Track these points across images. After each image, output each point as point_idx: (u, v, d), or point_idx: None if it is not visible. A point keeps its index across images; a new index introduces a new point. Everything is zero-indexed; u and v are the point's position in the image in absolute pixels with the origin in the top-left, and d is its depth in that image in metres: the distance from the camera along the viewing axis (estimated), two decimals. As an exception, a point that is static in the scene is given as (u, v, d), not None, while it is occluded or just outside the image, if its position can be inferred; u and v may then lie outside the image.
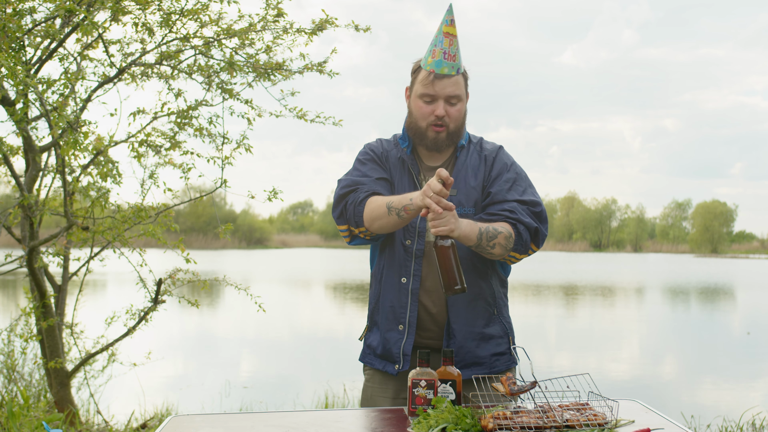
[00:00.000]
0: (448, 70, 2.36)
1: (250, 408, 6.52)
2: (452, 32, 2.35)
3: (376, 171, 2.49)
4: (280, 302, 16.57)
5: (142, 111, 4.94)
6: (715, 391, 8.33)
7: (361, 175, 2.49)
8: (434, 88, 2.38)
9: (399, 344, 2.45)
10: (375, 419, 2.14)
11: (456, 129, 2.44)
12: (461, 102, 2.42)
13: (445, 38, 2.34)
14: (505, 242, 2.34)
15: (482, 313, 2.46)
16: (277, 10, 4.63)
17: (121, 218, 4.83)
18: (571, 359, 10.01)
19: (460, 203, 2.43)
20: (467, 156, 2.50)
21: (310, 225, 70.56)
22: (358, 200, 2.42)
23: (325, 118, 4.85)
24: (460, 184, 2.45)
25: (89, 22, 3.91)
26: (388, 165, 2.53)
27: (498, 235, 2.32)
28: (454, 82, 2.38)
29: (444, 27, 2.35)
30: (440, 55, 2.35)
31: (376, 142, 2.60)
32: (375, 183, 2.45)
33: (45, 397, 5.40)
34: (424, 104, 2.41)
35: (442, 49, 2.35)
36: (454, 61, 2.36)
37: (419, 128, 2.43)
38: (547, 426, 1.92)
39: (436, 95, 2.38)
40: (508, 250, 2.37)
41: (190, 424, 2.10)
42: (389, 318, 2.48)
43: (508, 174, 2.46)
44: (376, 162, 2.52)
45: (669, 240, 70.46)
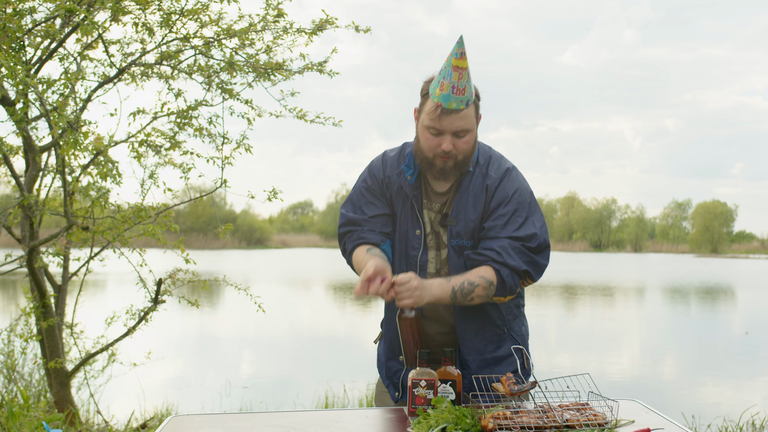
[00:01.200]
0: (456, 104, 2.25)
1: (250, 408, 6.52)
2: (462, 65, 2.21)
3: (373, 206, 2.47)
4: (280, 302, 16.57)
5: (142, 111, 4.94)
6: (715, 391, 8.33)
7: (358, 209, 2.48)
8: (441, 123, 2.28)
9: (399, 375, 2.47)
10: (375, 419, 2.14)
11: (465, 159, 2.35)
12: (470, 133, 2.32)
13: (454, 72, 2.21)
14: (485, 293, 2.31)
15: (492, 338, 2.44)
16: (277, 11, 4.62)
17: (121, 218, 4.83)
18: (571, 359, 10.01)
19: (459, 235, 2.39)
20: (471, 182, 2.40)
21: (310, 225, 70.56)
22: (347, 251, 2.47)
23: (325, 119, 4.85)
24: (460, 214, 2.39)
25: (89, 22, 3.91)
26: (390, 192, 2.47)
27: (475, 289, 2.29)
28: (463, 116, 2.28)
29: (453, 60, 2.21)
30: (448, 89, 2.23)
31: (380, 162, 2.51)
32: (367, 223, 2.44)
33: (45, 397, 5.40)
34: (431, 136, 2.31)
35: (451, 83, 2.23)
36: (463, 95, 2.24)
37: (426, 157, 2.35)
38: (547, 426, 1.92)
39: (443, 130, 2.29)
40: (490, 297, 2.33)
41: (190, 424, 2.10)
42: (390, 348, 2.51)
43: (506, 207, 2.37)
44: (374, 194, 2.47)
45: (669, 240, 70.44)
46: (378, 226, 2.45)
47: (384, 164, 2.50)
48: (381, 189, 2.48)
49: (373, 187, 2.48)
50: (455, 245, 2.40)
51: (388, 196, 2.48)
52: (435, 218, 2.44)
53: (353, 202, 2.51)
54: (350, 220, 2.48)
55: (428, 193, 2.46)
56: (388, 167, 2.48)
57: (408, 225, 2.44)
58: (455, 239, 2.39)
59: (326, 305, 17.35)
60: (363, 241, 2.43)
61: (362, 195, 2.50)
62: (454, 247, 2.39)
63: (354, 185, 2.57)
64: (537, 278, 2.39)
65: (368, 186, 2.49)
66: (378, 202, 2.47)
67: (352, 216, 2.48)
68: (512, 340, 2.48)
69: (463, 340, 2.41)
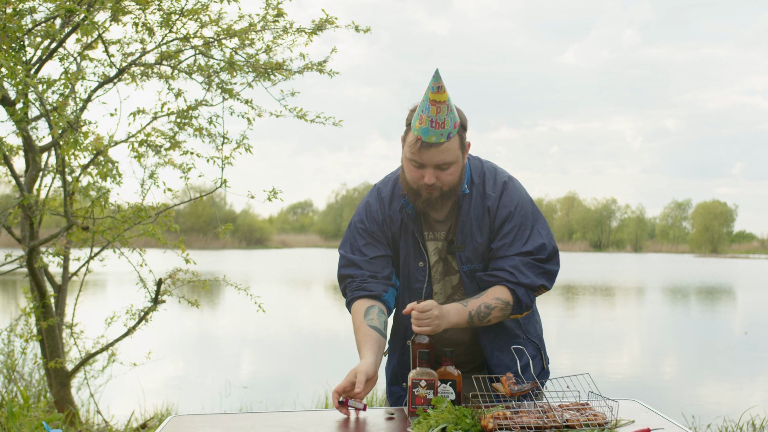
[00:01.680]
0: (436, 138, 2.21)
1: (250, 408, 6.52)
2: (440, 99, 2.17)
3: (372, 247, 2.43)
4: (280, 302, 16.57)
5: (142, 111, 4.94)
6: (715, 391, 8.33)
7: (356, 251, 2.44)
8: (421, 156, 2.24)
9: (402, 401, 2.48)
10: (375, 419, 2.14)
11: (450, 189, 2.32)
12: (454, 164, 2.28)
13: (432, 105, 2.18)
14: (501, 314, 2.32)
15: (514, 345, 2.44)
16: (277, 10, 4.63)
17: (121, 218, 4.83)
18: (571, 359, 10.01)
19: (469, 260, 2.38)
20: (470, 205, 2.38)
21: (310, 225, 70.56)
22: (347, 301, 2.45)
23: (326, 119, 4.85)
24: (467, 239, 2.37)
25: (89, 22, 3.91)
26: (391, 231, 2.44)
27: (491, 312, 2.30)
28: (444, 149, 2.23)
29: (430, 94, 2.18)
30: (427, 122, 2.19)
31: (377, 201, 2.47)
32: (369, 264, 2.41)
33: (45, 397, 5.40)
34: (414, 168, 2.29)
35: (429, 117, 2.19)
36: (443, 128, 2.21)
37: (411, 188, 2.33)
38: (547, 426, 1.92)
39: (424, 164, 2.26)
40: (507, 317, 2.34)
41: (190, 424, 2.10)
42: (394, 375, 2.52)
43: (510, 223, 2.36)
44: (373, 236, 2.44)
45: (669, 240, 70.43)
46: (379, 269, 2.41)
47: (381, 203, 2.46)
48: (381, 230, 2.44)
49: (371, 229, 2.44)
50: (467, 270, 2.39)
51: (389, 236, 2.45)
52: (443, 246, 2.42)
53: (351, 244, 2.47)
54: (350, 261, 2.43)
55: (429, 223, 2.44)
56: (386, 206, 2.45)
57: (411, 258, 2.43)
58: (466, 265, 2.39)
59: (326, 305, 17.35)
60: (363, 294, 2.38)
61: (360, 237, 2.45)
62: (465, 272, 2.39)
63: (350, 225, 2.51)
64: (551, 286, 2.39)
65: (366, 228, 2.45)
66: (377, 243, 2.43)
67: (352, 257, 2.43)
68: (531, 343, 2.50)
69: (490, 357, 2.41)
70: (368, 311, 2.35)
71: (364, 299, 2.38)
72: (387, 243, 2.44)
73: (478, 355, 2.46)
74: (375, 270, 2.40)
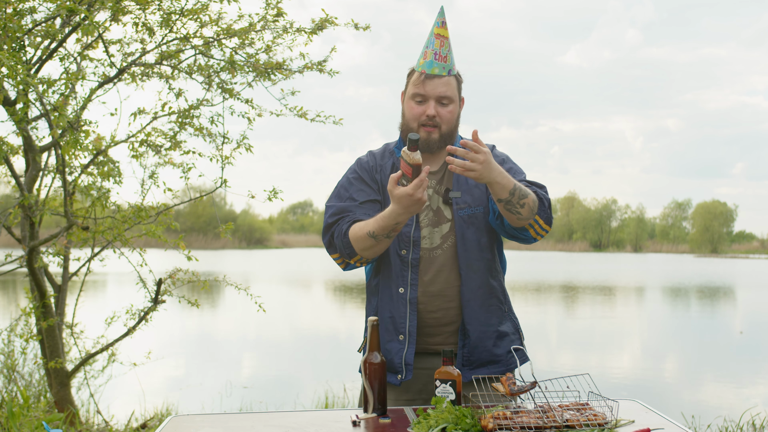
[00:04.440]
0: (438, 70, 2.38)
1: (250, 408, 6.52)
2: (443, 34, 2.36)
3: (363, 192, 2.47)
4: (280, 302, 16.57)
5: (143, 111, 4.94)
6: (715, 391, 8.33)
7: (347, 197, 2.47)
8: (425, 88, 2.39)
9: (401, 354, 2.45)
10: (375, 420, 2.14)
11: (448, 131, 2.44)
12: (453, 104, 2.43)
13: (436, 39, 2.36)
14: (533, 204, 2.34)
15: (496, 312, 2.48)
16: (277, 10, 4.63)
17: (121, 218, 4.84)
18: (571, 359, 10.01)
19: (467, 204, 2.45)
20: None
21: (310, 225, 70.54)
22: (342, 232, 2.40)
23: (326, 117, 4.86)
24: (462, 186, 2.46)
25: (90, 22, 3.91)
26: (381, 178, 2.50)
27: (528, 195, 2.32)
28: (445, 82, 2.40)
29: (435, 29, 2.36)
30: (431, 56, 2.37)
31: (367, 156, 2.58)
32: (359, 208, 2.44)
33: (45, 397, 5.40)
34: (416, 104, 2.42)
35: (433, 50, 2.37)
36: (445, 62, 2.38)
37: (411, 129, 2.43)
38: (547, 426, 1.92)
39: (427, 95, 2.39)
40: (534, 213, 2.36)
41: (190, 424, 2.10)
42: (389, 329, 2.47)
43: (507, 165, 2.49)
44: (364, 181, 2.50)
45: (669, 240, 70.42)
46: (370, 210, 2.44)
47: (372, 156, 2.57)
48: (371, 177, 2.51)
49: (362, 175, 2.51)
50: (464, 215, 2.44)
51: (379, 182, 2.50)
52: (434, 196, 2.47)
53: (340, 195, 2.51)
54: (340, 209, 2.45)
55: None
56: (377, 157, 2.55)
57: None
58: (463, 209, 2.44)
59: (326, 305, 17.36)
60: (359, 219, 2.41)
61: (351, 184, 2.50)
62: (462, 217, 2.44)
63: (339, 181, 2.55)
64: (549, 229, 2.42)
65: (357, 175, 2.51)
66: (368, 188, 2.49)
67: (342, 205, 2.46)
68: (511, 321, 2.53)
69: (468, 309, 2.43)
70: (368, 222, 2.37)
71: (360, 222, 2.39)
72: (378, 190, 2.50)
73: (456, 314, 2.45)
74: (366, 212, 2.44)
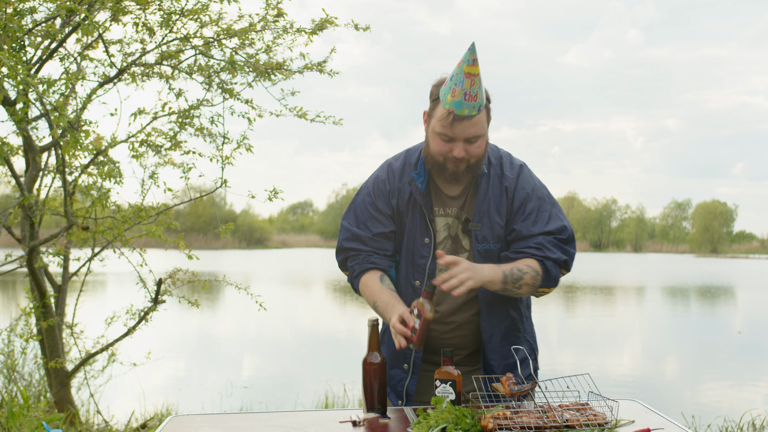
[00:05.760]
0: (468, 111, 2.21)
1: (250, 408, 6.52)
2: (474, 72, 2.17)
3: (376, 223, 2.43)
4: (280, 302, 16.57)
5: (143, 111, 4.94)
6: (715, 391, 8.33)
7: (362, 223, 2.44)
8: (453, 130, 2.24)
9: (403, 383, 2.45)
10: (375, 420, 2.14)
11: (477, 162, 2.33)
12: (482, 137, 2.30)
13: (466, 78, 2.17)
14: (532, 281, 2.30)
15: (514, 342, 2.46)
16: (277, 10, 4.62)
17: (121, 218, 4.83)
18: (571, 359, 10.01)
19: (485, 239, 2.38)
20: (488, 185, 2.38)
21: (310, 225, 70.55)
22: (354, 273, 2.43)
23: (326, 117, 4.85)
24: (484, 219, 2.37)
25: (90, 22, 3.91)
26: (399, 203, 2.43)
27: (524, 276, 2.28)
28: (475, 122, 2.25)
29: (465, 67, 2.17)
30: (461, 95, 2.19)
31: (386, 172, 2.46)
32: (372, 241, 2.41)
33: (45, 397, 5.40)
34: (443, 142, 2.28)
35: (463, 90, 2.18)
36: (476, 101, 2.21)
37: (437, 162, 2.32)
38: (547, 426, 1.92)
39: (455, 137, 2.26)
40: (536, 288, 2.33)
41: (190, 424, 2.10)
42: (396, 355, 2.47)
43: (530, 204, 2.38)
44: (378, 209, 2.43)
45: (669, 240, 70.42)
46: (383, 246, 2.42)
47: (391, 175, 2.45)
48: (387, 203, 2.43)
49: (378, 203, 2.44)
50: (481, 250, 2.38)
51: (395, 207, 2.43)
52: (454, 223, 2.41)
53: (357, 216, 2.46)
54: (354, 236, 2.43)
55: (441, 199, 2.42)
56: (397, 178, 2.44)
57: (416, 233, 2.41)
58: (481, 244, 2.38)
59: (326, 305, 17.35)
60: (372, 266, 2.40)
61: (366, 209, 2.45)
62: (480, 251, 2.38)
63: (357, 196, 2.50)
64: (570, 269, 2.40)
65: (373, 201, 2.44)
66: (383, 218, 2.43)
67: (356, 231, 2.43)
68: (527, 342, 2.50)
69: (489, 345, 2.40)
70: (382, 279, 2.38)
71: (375, 271, 2.40)
72: (392, 217, 2.44)
73: (476, 340, 2.44)
74: (378, 247, 2.42)
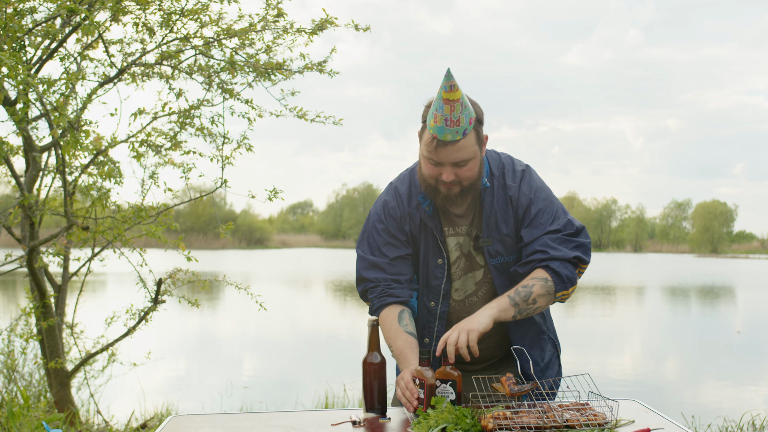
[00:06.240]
0: (451, 136, 2.20)
1: (250, 408, 6.52)
2: (453, 97, 2.16)
3: (392, 248, 2.41)
4: (280, 302, 16.57)
5: (143, 111, 4.94)
6: (715, 391, 8.33)
7: (377, 249, 2.42)
8: (438, 155, 2.24)
9: None
10: (375, 421, 2.14)
11: (470, 184, 2.31)
12: (472, 160, 2.27)
13: (445, 105, 2.17)
14: (545, 291, 2.27)
15: (542, 344, 2.46)
16: (277, 10, 4.62)
17: (121, 218, 4.83)
18: (571, 359, 10.01)
19: (498, 253, 2.37)
20: (493, 198, 2.37)
21: (310, 225, 70.56)
22: (373, 308, 2.39)
23: (326, 118, 4.85)
24: (493, 233, 2.36)
25: (90, 22, 3.91)
26: (411, 228, 2.42)
27: (532, 290, 2.25)
28: (460, 147, 2.22)
29: (443, 93, 2.17)
30: (442, 121, 2.19)
31: (393, 197, 2.45)
32: (391, 266, 2.38)
33: (45, 397, 5.40)
34: (431, 165, 2.28)
35: (444, 116, 2.18)
36: (458, 126, 2.20)
37: (429, 184, 2.32)
38: (547, 426, 1.92)
39: (442, 162, 2.25)
40: (553, 294, 2.28)
41: (190, 424, 2.10)
42: None
43: (534, 207, 2.36)
44: (392, 234, 2.42)
45: (669, 240, 70.43)
46: (401, 270, 2.39)
47: (399, 200, 2.44)
48: (399, 228, 2.42)
49: (390, 228, 2.42)
50: (496, 264, 2.38)
51: (409, 233, 2.42)
52: (465, 242, 2.41)
53: (370, 244, 2.44)
54: (372, 264, 2.40)
55: (449, 218, 2.41)
56: (405, 203, 2.43)
57: (429, 256, 2.41)
58: (495, 258, 2.37)
59: (326, 305, 17.36)
60: (391, 300, 2.36)
61: (379, 236, 2.43)
62: (495, 266, 2.37)
63: (367, 224, 2.48)
64: (588, 259, 2.37)
65: (385, 227, 2.43)
66: (397, 242, 2.41)
67: (373, 259, 2.41)
68: (551, 341, 2.50)
69: (524, 356, 2.39)
70: (401, 317, 2.33)
71: (394, 305, 2.36)
72: (407, 241, 2.42)
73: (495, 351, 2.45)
74: (397, 272, 2.39)
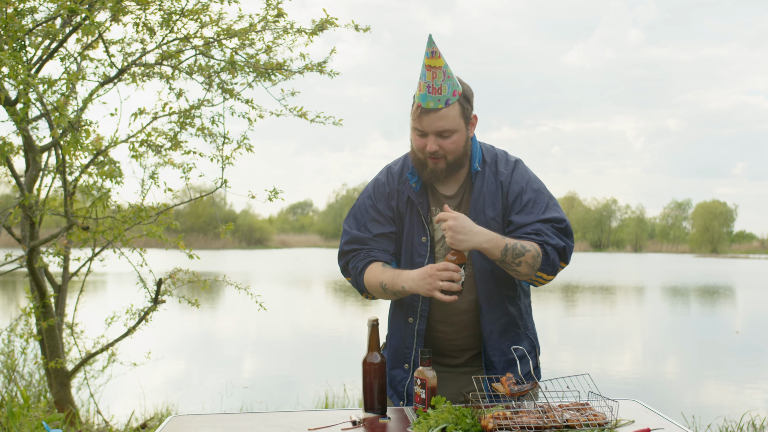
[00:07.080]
0: (433, 104, 2.26)
1: (250, 408, 6.52)
2: (435, 64, 2.22)
3: (377, 224, 2.45)
4: (280, 302, 16.57)
5: (143, 111, 4.94)
6: (715, 391, 8.33)
7: (363, 225, 2.47)
8: (422, 123, 2.29)
9: (404, 383, 2.46)
10: (375, 420, 2.14)
11: (456, 159, 2.35)
12: (456, 133, 2.31)
13: (427, 71, 2.23)
14: (533, 261, 2.28)
15: (513, 338, 2.45)
16: (278, 10, 4.62)
17: (121, 218, 4.84)
18: (571, 359, 10.01)
19: None
20: (483, 182, 2.40)
21: (310, 225, 70.53)
22: (357, 270, 2.43)
23: (326, 118, 4.85)
24: (479, 216, 2.38)
25: (90, 22, 3.91)
26: (397, 204, 2.46)
27: (525, 253, 2.26)
28: (442, 116, 2.27)
29: (426, 60, 2.23)
30: (425, 88, 2.25)
31: (386, 176, 2.51)
32: (374, 241, 2.44)
33: (45, 397, 5.40)
34: (418, 137, 2.34)
35: (426, 83, 2.25)
36: (440, 94, 2.25)
37: (418, 159, 2.37)
38: (547, 426, 1.92)
39: (425, 131, 2.30)
40: (535, 269, 2.30)
41: (190, 424, 2.10)
42: (395, 356, 2.49)
43: (526, 196, 2.39)
44: (379, 211, 2.46)
45: (669, 240, 70.41)
46: (384, 245, 2.44)
47: (390, 178, 2.49)
48: (387, 205, 2.46)
49: (378, 205, 2.47)
50: None
51: (395, 209, 2.46)
52: None
53: (357, 219, 2.50)
54: (355, 238, 2.46)
55: (437, 198, 2.44)
56: (395, 180, 2.48)
57: (414, 233, 2.43)
58: None
59: (326, 305, 17.36)
60: (375, 259, 2.42)
61: (366, 212, 2.48)
62: None
63: (358, 200, 2.54)
64: (569, 260, 2.38)
65: (373, 203, 2.48)
66: (383, 220, 2.46)
67: (357, 234, 2.46)
68: (527, 338, 2.50)
69: (489, 341, 2.41)
70: (384, 266, 2.39)
71: (376, 262, 2.41)
72: (392, 218, 2.47)
73: (477, 341, 2.45)
74: (379, 247, 2.44)
